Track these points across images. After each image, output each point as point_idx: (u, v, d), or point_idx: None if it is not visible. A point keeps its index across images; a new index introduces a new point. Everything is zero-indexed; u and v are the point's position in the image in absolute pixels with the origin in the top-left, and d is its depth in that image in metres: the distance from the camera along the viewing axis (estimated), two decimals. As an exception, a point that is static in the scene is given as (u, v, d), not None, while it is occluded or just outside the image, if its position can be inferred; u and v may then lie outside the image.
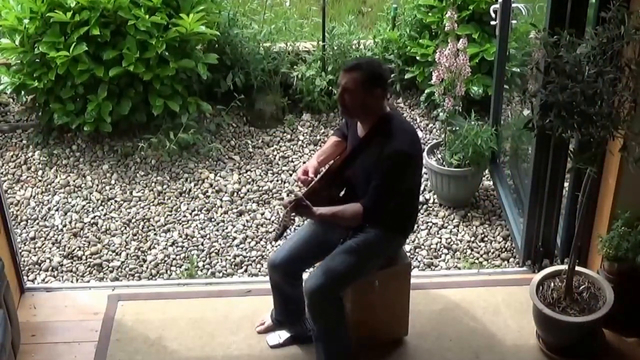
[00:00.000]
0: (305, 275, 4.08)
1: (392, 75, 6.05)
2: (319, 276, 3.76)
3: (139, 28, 5.46)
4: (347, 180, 3.84)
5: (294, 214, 3.63)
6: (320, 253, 3.98)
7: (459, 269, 4.85)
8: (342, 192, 3.90)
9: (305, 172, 3.80)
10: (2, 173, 5.55)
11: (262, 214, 5.25)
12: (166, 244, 5.03)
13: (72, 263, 4.91)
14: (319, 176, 3.77)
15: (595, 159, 3.66)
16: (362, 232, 3.81)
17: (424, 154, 5.17)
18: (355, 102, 3.60)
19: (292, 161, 5.67)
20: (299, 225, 4.64)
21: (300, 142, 5.83)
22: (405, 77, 6.08)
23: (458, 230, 5.11)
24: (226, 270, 4.86)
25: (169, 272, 4.86)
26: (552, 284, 4.09)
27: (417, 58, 5.96)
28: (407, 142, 3.65)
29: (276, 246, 4.96)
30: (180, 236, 5.09)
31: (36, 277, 4.82)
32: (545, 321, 4.01)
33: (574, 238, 3.97)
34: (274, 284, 4.06)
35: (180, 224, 5.18)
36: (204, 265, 4.89)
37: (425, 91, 5.91)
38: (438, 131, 5.83)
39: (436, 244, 5.01)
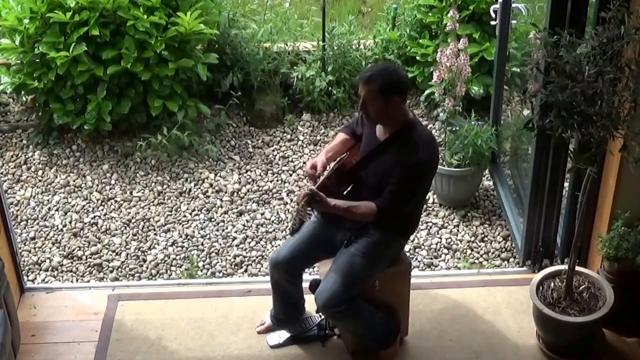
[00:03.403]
0: (305, 276, 4.09)
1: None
2: (328, 289, 3.77)
3: (138, 28, 5.46)
4: (358, 179, 3.84)
5: (309, 208, 3.65)
6: (322, 253, 3.99)
7: (459, 269, 4.84)
8: (348, 190, 3.90)
9: (314, 167, 3.81)
10: (2, 173, 5.54)
11: (262, 214, 5.25)
12: (166, 244, 5.03)
13: (72, 263, 4.91)
14: (329, 172, 3.77)
15: (595, 159, 3.66)
16: (365, 236, 3.81)
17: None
18: (377, 111, 3.64)
19: (292, 161, 5.67)
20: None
21: (300, 142, 5.83)
22: (405, 77, 6.08)
23: (458, 230, 5.11)
24: (226, 270, 4.86)
25: (169, 272, 4.86)
26: (552, 284, 4.09)
27: (417, 58, 5.96)
28: (430, 153, 3.70)
29: (277, 245, 4.97)
30: (180, 236, 5.09)
31: (36, 277, 4.82)
32: (545, 321, 4.00)
33: (574, 238, 3.97)
34: (274, 282, 4.06)
35: (180, 224, 5.18)
36: (204, 265, 4.89)
37: (425, 91, 5.91)
38: (438, 131, 5.82)
39: (436, 244, 5.01)
